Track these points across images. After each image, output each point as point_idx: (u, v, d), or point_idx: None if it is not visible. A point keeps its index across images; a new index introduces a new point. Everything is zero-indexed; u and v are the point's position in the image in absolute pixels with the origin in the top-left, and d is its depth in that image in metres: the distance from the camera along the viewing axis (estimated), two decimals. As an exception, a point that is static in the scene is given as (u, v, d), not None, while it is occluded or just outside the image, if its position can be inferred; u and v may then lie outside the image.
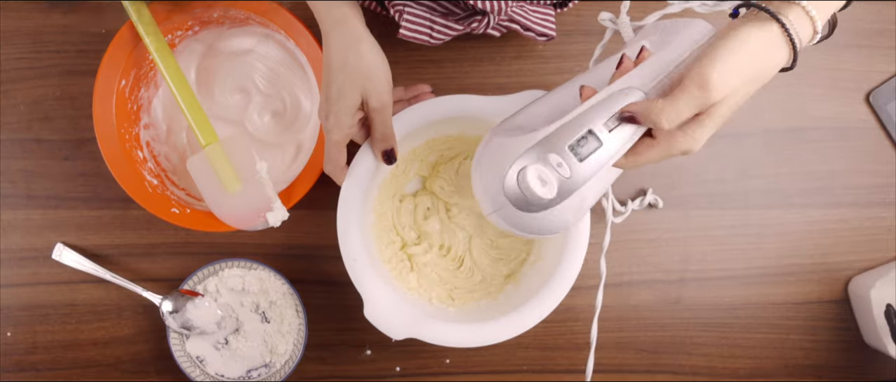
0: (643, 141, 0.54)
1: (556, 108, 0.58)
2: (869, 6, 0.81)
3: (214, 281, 0.79)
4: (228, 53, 0.78)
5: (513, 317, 0.68)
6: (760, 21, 0.49)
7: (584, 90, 0.54)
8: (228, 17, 0.73)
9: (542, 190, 0.52)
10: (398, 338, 0.67)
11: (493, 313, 0.70)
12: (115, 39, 0.72)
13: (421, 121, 0.69)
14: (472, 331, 0.68)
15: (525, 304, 0.68)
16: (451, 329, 0.68)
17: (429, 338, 0.67)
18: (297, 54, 0.77)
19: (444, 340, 0.67)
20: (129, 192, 0.73)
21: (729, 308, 0.81)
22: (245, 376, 0.79)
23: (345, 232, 0.68)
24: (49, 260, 0.79)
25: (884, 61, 0.81)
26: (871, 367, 0.80)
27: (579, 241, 0.68)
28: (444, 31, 0.71)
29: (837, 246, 0.81)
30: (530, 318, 0.68)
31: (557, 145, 0.52)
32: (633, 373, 0.81)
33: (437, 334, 0.67)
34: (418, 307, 0.71)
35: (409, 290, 0.73)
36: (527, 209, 0.53)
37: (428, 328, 0.68)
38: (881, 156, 0.81)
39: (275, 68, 0.78)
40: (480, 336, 0.68)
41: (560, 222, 0.54)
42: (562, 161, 0.52)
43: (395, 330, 0.67)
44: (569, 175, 0.52)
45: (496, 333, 0.68)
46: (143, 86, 0.76)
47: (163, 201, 0.74)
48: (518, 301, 0.70)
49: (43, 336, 0.80)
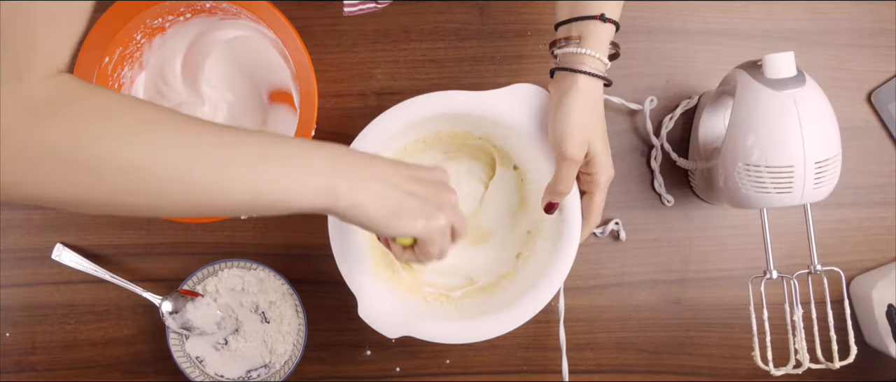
0: (582, 202, 0.68)
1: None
2: (869, 6, 0.81)
3: (214, 281, 0.79)
4: (218, 42, 0.78)
5: (507, 312, 0.68)
6: (572, 77, 0.63)
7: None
8: (220, 9, 0.73)
9: None
10: (393, 337, 0.67)
11: (487, 309, 0.70)
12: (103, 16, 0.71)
13: (410, 119, 0.69)
14: (467, 328, 0.68)
15: (520, 298, 0.68)
16: (446, 327, 0.68)
17: (424, 336, 0.67)
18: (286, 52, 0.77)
19: (440, 337, 0.67)
20: None
21: (730, 308, 0.81)
22: (245, 376, 0.79)
23: (336, 231, 0.68)
24: (48, 260, 0.79)
25: (885, 61, 0.81)
26: (873, 367, 0.80)
27: (572, 235, 0.68)
28: None
29: (838, 246, 0.81)
30: (525, 312, 0.68)
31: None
32: (634, 373, 0.81)
33: (431, 331, 0.67)
34: (412, 305, 0.71)
35: (402, 289, 0.73)
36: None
37: (423, 326, 0.67)
38: (882, 156, 0.81)
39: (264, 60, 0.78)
40: (475, 332, 0.68)
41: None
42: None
43: (389, 329, 0.67)
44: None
45: (491, 328, 0.68)
46: (127, 65, 0.75)
47: None
48: (513, 295, 0.70)
49: (42, 336, 0.80)
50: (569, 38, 0.64)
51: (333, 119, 0.80)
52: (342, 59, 0.80)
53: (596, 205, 0.67)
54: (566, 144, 0.63)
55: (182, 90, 0.77)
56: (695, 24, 0.81)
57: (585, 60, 0.63)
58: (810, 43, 0.81)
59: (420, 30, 0.80)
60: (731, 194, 0.68)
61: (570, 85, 0.63)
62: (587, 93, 0.63)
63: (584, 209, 0.68)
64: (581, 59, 0.63)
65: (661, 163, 0.80)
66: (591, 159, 0.65)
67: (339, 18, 0.80)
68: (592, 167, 0.66)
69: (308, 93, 0.71)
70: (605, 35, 0.63)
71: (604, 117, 0.65)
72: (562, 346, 0.76)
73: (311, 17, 0.79)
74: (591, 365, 0.81)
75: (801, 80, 0.64)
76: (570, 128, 0.63)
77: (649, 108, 0.79)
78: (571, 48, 0.63)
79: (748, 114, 0.65)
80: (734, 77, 0.68)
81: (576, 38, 0.63)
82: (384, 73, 0.80)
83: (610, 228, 0.80)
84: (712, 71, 0.80)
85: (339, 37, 0.80)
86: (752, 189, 0.65)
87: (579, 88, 0.63)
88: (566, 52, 0.64)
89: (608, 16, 0.62)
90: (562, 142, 0.63)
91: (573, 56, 0.63)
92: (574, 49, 0.63)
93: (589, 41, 0.62)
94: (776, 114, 0.63)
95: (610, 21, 0.62)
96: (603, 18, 0.62)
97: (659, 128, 0.80)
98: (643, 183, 0.81)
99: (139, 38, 0.73)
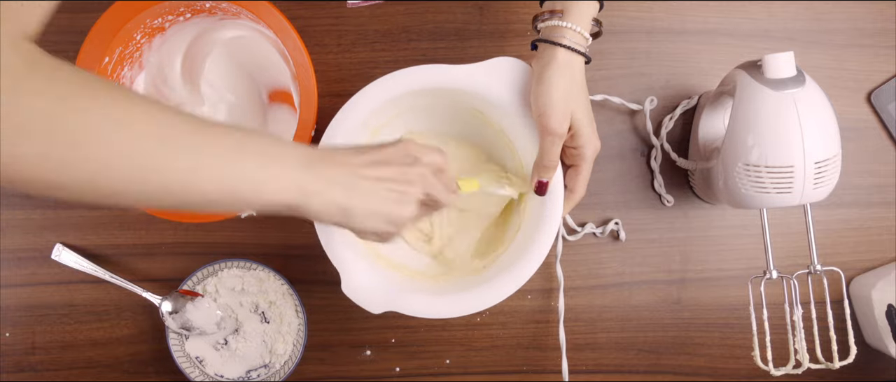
0: (567, 175, 0.68)
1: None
2: (869, 6, 0.81)
3: (214, 281, 0.79)
4: (218, 42, 0.78)
5: (488, 286, 0.67)
6: (552, 50, 0.63)
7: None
8: (220, 9, 0.73)
9: None
10: (377, 312, 0.66)
11: (471, 284, 0.69)
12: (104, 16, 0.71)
13: (390, 94, 0.68)
14: (450, 302, 0.67)
15: (503, 273, 0.67)
16: (430, 301, 0.67)
17: (407, 311, 0.66)
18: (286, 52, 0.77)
19: (423, 311, 0.66)
20: None
21: (730, 308, 0.81)
22: (244, 376, 0.79)
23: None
24: (48, 261, 0.79)
25: (885, 61, 0.81)
26: (872, 367, 0.80)
27: (555, 209, 0.67)
28: None
29: (838, 246, 0.81)
30: (508, 287, 0.66)
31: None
32: (634, 373, 0.81)
33: (415, 306, 0.66)
34: (395, 281, 0.70)
35: (385, 265, 0.72)
36: None
37: (406, 300, 0.67)
38: (882, 156, 0.81)
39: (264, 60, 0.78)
40: (458, 306, 0.66)
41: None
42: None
43: (373, 304, 0.66)
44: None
45: (475, 302, 0.66)
46: (127, 65, 0.75)
47: None
48: (495, 271, 0.69)
49: (42, 336, 0.80)
50: (553, 12, 0.63)
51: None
52: (342, 59, 0.80)
53: (582, 178, 0.67)
54: (548, 118, 0.63)
55: (182, 90, 0.77)
56: (695, 24, 0.81)
57: (566, 33, 0.62)
58: (810, 43, 0.81)
59: (420, 30, 0.80)
60: (730, 194, 0.68)
61: (551, 58, 0.63)
62: (567, 65, 0.62)
63: (569, 182, 0.68)
64: (562, 32, 0.62)
65: (661, 163, 0.80)
66: (575, 132, 0.65)
67: (339, 18, 0.80)
68: (577, 139, 0.65)
69: (308, 93, 0.71)
70: (588, 10, 0.63)
71: (586, 90, 0.65)
72: (562, 346, 0.76)
73: (311, 17, 0.79)
74: (591, 365, 0.81)
75: (800, 80, 0.64)
76: (552, 101, 0.62)
77: (649, 108, 0.79)
78: (554, 21, 0.63)
79: (748, 114, 0.65)
80: (734, 77, 0.68)
81: (559, 12, 0.63)
82: (384, 73, 0.80)
83: (610, 228, 0.80)
84: (712, 71, 0.80)
85: (339, 37, 0.80)
86: (752, 189, 0.65)
87: (559, 61, 0.62)
88: (548, 25, 0.64)
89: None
90: (544, 116, 0.63)
91: (554, 29, 0.63)
92: (556, 22, 0.63)
93: (571, 15, 0.62)
94: (776, 114, 0.63)
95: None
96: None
97: (659, 128, 0.80)
98: (643, 183, 0.81)
99: (139, 37, 0.73)
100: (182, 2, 0.71)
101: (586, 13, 0.63)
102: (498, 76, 0.68)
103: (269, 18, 0.71)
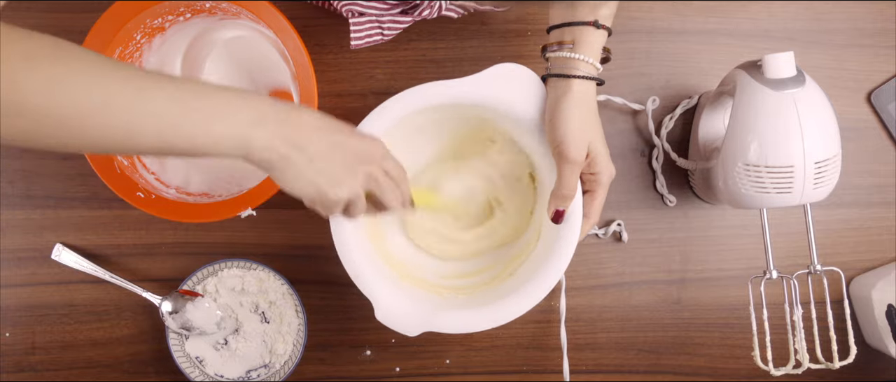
0: (584, 201, 0.68)
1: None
2: (869, 6, 0.81)
3: (213, 281, 0.79)
4: (218, 42, 0.78)
5: (522, 293, 0.67)
6: (566, 82, 0.64)
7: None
8: (220, 9, 0.73)
9: None
10: (414, 335, 0.66)
11: (500, 295, 0.69)
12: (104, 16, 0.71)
13: (395, 118, 0.68)
14: (485, 314, 0.67)
15: (534, 277, 0.67)
16: (465, 316, 0.67)
17: (445, 329, 0.66)
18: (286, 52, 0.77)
19: (460, 327, 0.66)
20: (95, 167, 0.71)
21: (730, 308, 0.81)
22: (244, 376, 0.79)
23: (338, 232, 0.68)
24: (48, 261, 0.79)
25: (885, 61, 0.81)
26: (872, 367, 0.80)
27: (572, 230, 0.67)
28: (393, 25, 0.71)
29: (838, 246, 0.81)
30: (541, 289, 0.67)
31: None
32: (634, 373, 0.81)
33: (452, 323, 0.67)
34: (427, 301, 0.70)
35: (414, 286, 0.72)
36: None
37: (442, 319, 0.67)
38: (882, 156, 0.81)
39: (264, 60, 0.78)
40: (496, 316, 0.66)
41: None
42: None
43: (410, 328, 0.66)
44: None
45: (510, 311, 0.66)
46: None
47: (129, 183, 0.72)
48: (524, 278, 0.69)
49: (42, 336, 0.80)
50: (562, 43, 0.64)
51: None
52: (342, 59, 0.80)
53: (597, 203, 0.68)
54: (567, 147, 0.63)
55: (182, 90, 0.77)
56: (695, 24, 0.81)
57: (579, 65, 0.63)
58: (810, 43, 0.81)
59: (420, 30, 0.80)
60: (730, 194, 0.68)
61: (566, 89, 0.63)
62: (582, 95, 0.63)
63: (585, 208, 0.68)
64: (575, 65, 0.63)
65: (662, 164, 0.80)
66: (592, 159, 0.65)
67: (339, 18, 0.80)
68: (595, 166, 0.66)
69: (308, 93, 0.71)
70: (598, 41, 0.63)
71: (598, 116, 0.66)
72: (563, 346, 0.76)
73: (311, 17, 0.79)
74: (592, 365, 0.81)
75: (800, 80, 0.64)
76: (569, 131, 0.63)
77: (652, 108, 0.79)
78: (564, 53, 0.64)
79: (748, 114, 0.65)
80: (734, 77, 0.68)
81: (569, 43, 0.64)
82: (384, 73, 0.80)
83: (612, 229, 0.80)
84: (712, 71, 0.80)
85: (340, 37, 0.80)
86: (752, 189, 0.65)
87: (574, 92, 0.63)
88: (559, 57, 0.64)
89: (602, 22, 0.63)
90: (562, 145, 0.64)
91: (567, 61, 0.64)
92: (567, 54, 0.63)
93: (582, 47, 0.63)
94: (776, 114, 0.63)
95: (603, 27, 0.63)
96: (596, 25, 0.62)
97: (659, 128, 0.80)
98: (644, 183, 0.81)
99: (139, 38, 0.73)
100: (182, 2, 0.71)
101: (597, 43, 0.63)
102: (495, 83, 0.68)
103: (270, 18, 0.71)
